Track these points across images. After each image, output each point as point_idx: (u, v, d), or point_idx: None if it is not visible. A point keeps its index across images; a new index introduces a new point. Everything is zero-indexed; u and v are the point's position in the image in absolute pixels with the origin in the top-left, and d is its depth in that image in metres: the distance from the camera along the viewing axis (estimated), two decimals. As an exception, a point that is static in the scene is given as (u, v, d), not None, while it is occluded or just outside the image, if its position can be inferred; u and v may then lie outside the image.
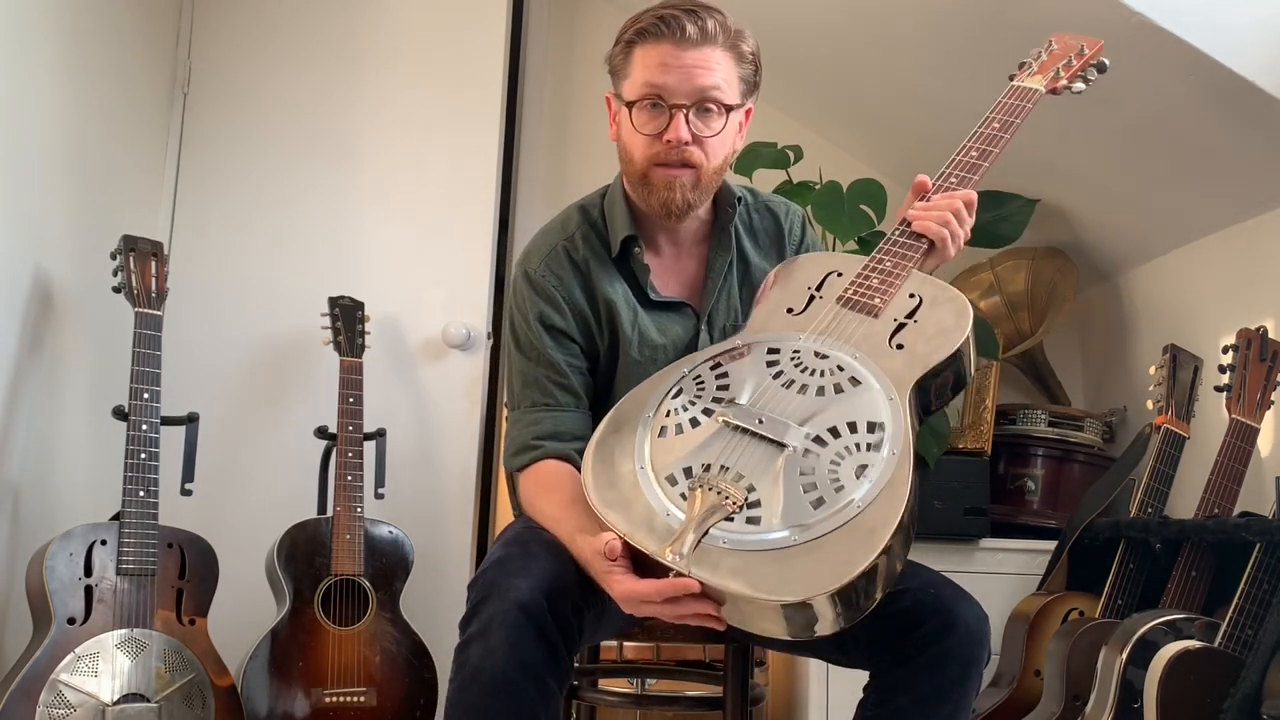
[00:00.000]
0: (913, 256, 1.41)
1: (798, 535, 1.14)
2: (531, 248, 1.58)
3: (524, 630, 1.21)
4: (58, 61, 2.24)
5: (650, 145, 1.45)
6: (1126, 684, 1.90)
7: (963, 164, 1.51)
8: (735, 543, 1.14)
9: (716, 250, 1.58)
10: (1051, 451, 2.70)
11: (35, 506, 2.21)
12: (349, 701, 2.24)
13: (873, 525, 1.13)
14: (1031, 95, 1.57)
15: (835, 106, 3.03)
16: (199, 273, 2.72)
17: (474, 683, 1.22)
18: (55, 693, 1.87)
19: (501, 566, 1.28)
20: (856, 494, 1.16)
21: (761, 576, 1.12)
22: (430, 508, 2.68)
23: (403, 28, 2.87)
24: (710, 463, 1.22)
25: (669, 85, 1.42)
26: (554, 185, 3.13)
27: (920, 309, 1.36)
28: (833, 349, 1.32)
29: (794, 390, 1.28)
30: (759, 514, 1.16)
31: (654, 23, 1.43)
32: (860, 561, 1.10)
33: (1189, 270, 2.63)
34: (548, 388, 1.51)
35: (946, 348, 1.31)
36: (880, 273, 1.40)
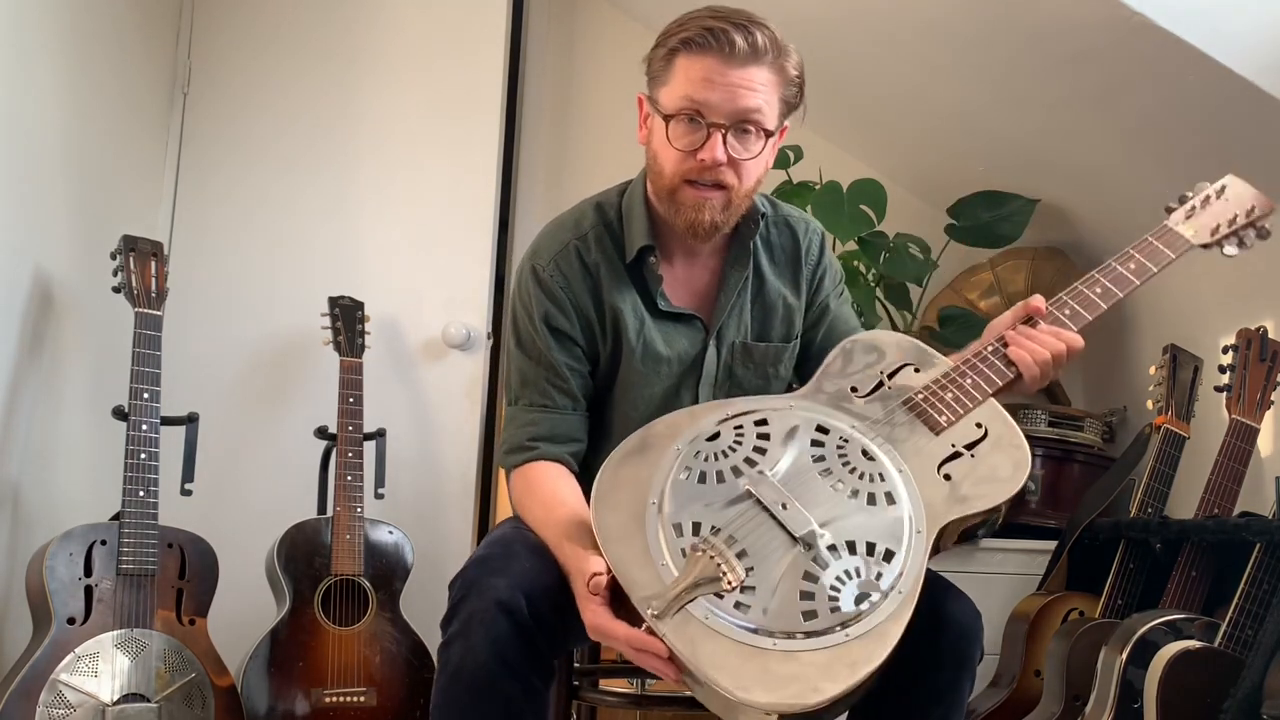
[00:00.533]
0: (995, 383, 1.34)
1: (779, 642, 1.11)
2: (541, 243, 1.53)
3: (503, 628, 1.21)
4: (58, 62, 2.24)
5: (683, 161, 1.39)
6: (1126, 684, 1.90)
7: (1082, 297, 1.40)
8: (717, 623, 1.12)
9: (733, 265, 1.53)
10: (1051, 451, 2.70)
11: (35, 506, 2.21)
12: (349, 701, 2.24)
13: (854, 660, 1.10)
14: (1180, 245, 1.45)
15: (835, 106, 3.03)
16: (199, 273, 2.72)
17: (456, 682, 1.22)
18: (55, 693, 1.87)
19: (481, 565, 1.28)
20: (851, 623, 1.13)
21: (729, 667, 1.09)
22: (430, 508, 2.68)
23: (403, 28, 2.87)
24: (721, 527, 1.18)
25: (710, 102, 1.35)
26: (554, 185, 3.13)
27: (981, 444, 1.29)
28: (881, 454, 1.26)
29: (828, 482, 1.23)
30: (750, 601, 1.13)
31: (701, 33, 1.35)
32: (828, 691, 1.08)
33: (1189, 270, 2.62)
34: (546, 389, 1.49)
35: (991, 499, 1.25)
36: (957, 388, 1.33)
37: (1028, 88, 2.46)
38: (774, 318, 1.56)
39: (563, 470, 1.46)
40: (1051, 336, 1.36)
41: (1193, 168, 2.36)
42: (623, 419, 1.52)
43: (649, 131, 1.45)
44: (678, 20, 1.40)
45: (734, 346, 1.54)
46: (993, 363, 1.36)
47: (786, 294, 1.57)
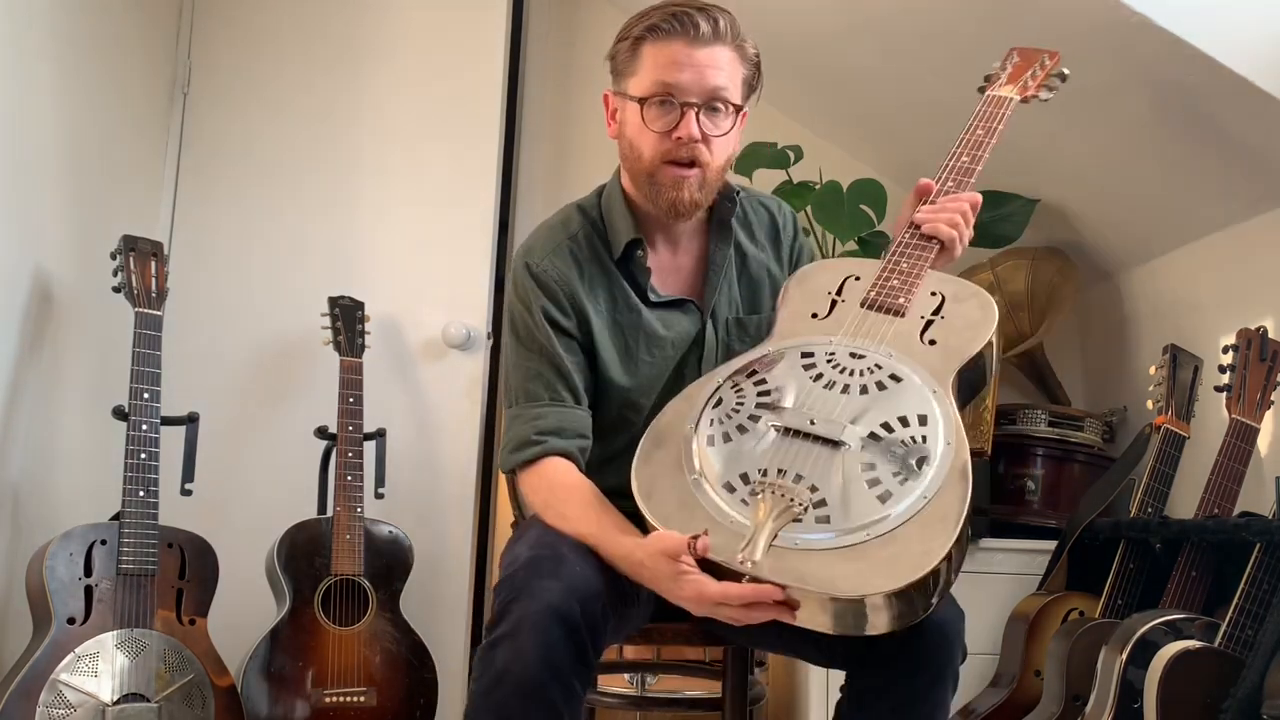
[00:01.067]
0: (927, 257, 1.44)
1: (874, 529, 1.14)
2: (534, 242, 1.56)
3: (555, 633, 1.20)
4: (58, 62, 2.24)
5: (660, 142, 1.45)
6: (1126, 684, 1.90)
7: (956, 169, 1.56)
8: (810, 544, 1.15)
9: (716, 244, 1.58)
10: (1051, 451, 2.70)
11: (35, 506, 2.21)
12: (349, 701, 2.24)
13: (943, 514, 1.15)
14: (1007, 103, 1.67)
15: (835, 106, 3.03)
16: (199, 273, 2.72)
17: (500, 684, 1.20)
18: (55, 693, 1.87)
19: (531, 568, 1.26)
20: (922, 485, 1.17)
21: (842, 575, 1.12)
22: (430, 508, 2.68)
23: (403, 27, 2.87)
24: (767, 467, 1.22)
25: (681, 83, 1.42)
26: (554, 185, 3.13)
27: (945, 305, 1.39)
28: (867, 349, 1.33)
29: (836, 391, 1.28)
30: (827, 513, 1.17)
31: (666, 19, 1.43)
32: (938, 548, 1.12)
33: (1189, 270, 2.63)
34: (551, 382, 1.49)
35: (979, 339, 1.34)
36: (899, 274, 1.42)
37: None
38: (761, 290, 1.62)
39: (573, 467, 1.46)
40: (952, 202, 1.49)
41: (1193, 168, 2.37)
42: (637, 409, 1.53)
43: (620, 123, 1.51)
44: (638, 14, 1.47)
45: (728, 323, 1.58)
46: (914, 244, 1.46)
47: (770, 265, 1.63)
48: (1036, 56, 1.75)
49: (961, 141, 1.61)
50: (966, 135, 1.62)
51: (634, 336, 1.54)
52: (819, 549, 1.14)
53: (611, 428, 1.54)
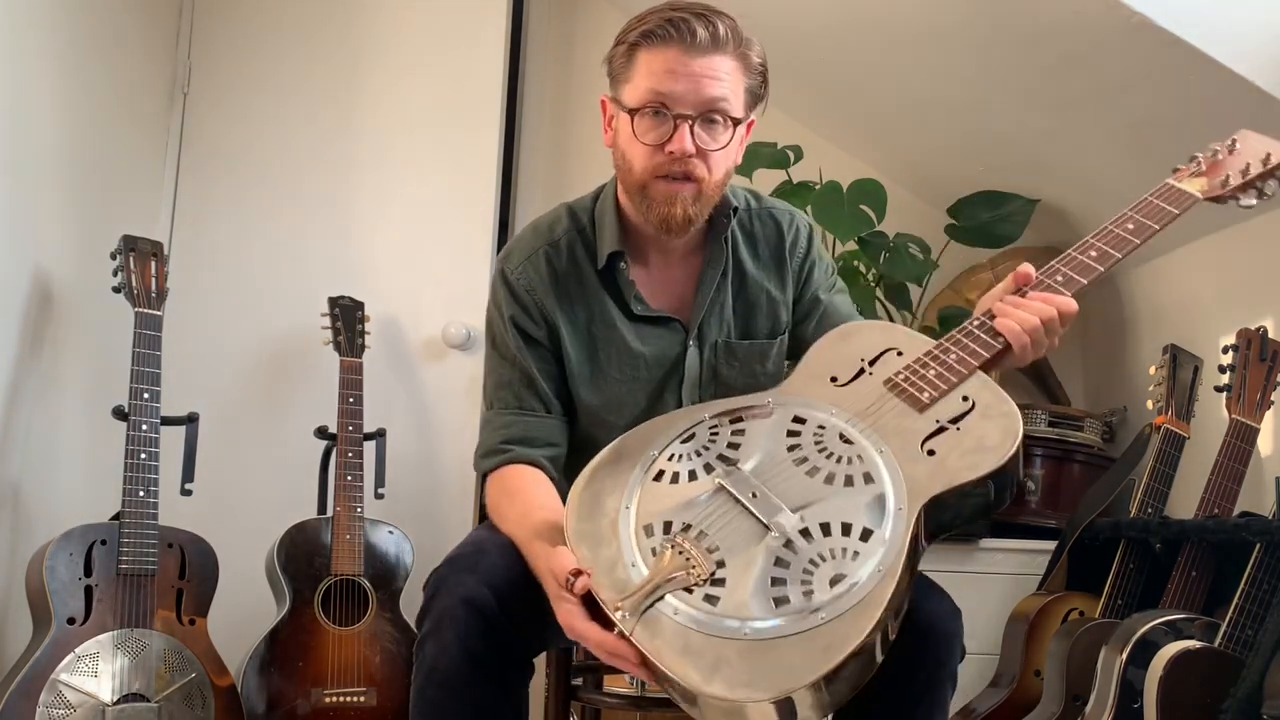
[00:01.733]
0: (981, 355, 1.28)
1: (748, 630, 1.07)
2: (514, 246, 1.53)
3: (471, 625, 1.21)
4: (58, 62, 2.25)
5: (652, 156, 1.37)
6: (1126, 684, 1.90)
7: (1076, 263, 1.33)
8: (687, 618, 1.09)
9: (709, 263, 1.50)
10: (1051, 451, 2.70)
11: (35, 506, 2.21)
12: (349, 701, 2.24)
13: (828, 643, 1.04)
14: (1184, 200, 1.38)
15: (835, 106, 3.03)
16: (199, 273, 2.72)
17: (430, 681, 1.22)
18: (55, 693, 1.87)
19: (452, 564, 1.28)
20: (824, 606, 1.07)
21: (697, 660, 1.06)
22: (430, 508, 2.68)
23: (403, 27, 2.87)
24: (691, 523, 1.16)
25: (675, 93, 1.34)
26: (554, 185, 3.13)
27: (968, 416, 1.23)
28: (860, 436, 1.22)
29: (802, 470, 1.19)
30: (719, 594, 1.10)
31: (661, 25, 1.34)
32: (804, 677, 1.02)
33: (1189, 270, 2.63)
34: (520, 392, 1.48)
35: (979, 468, 1.17)
36: (940, 364, 1.27)
37: (1028, 88, 2.45)
38: (757, 313, 1.53)
39: (539, 475, 1.44)
40: (1040, 301, 1.30)
41: (1193, 168, 2.37)
42: (607, 428, 1.48)
43: (614, 131, 1.44)
44: (636, 17, 1.38)
45: (716, 346, 1.51)
46: (978, 335, 1.30)
47: (770, 288, 1.54)
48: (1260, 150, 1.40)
49: (1101, 231, 1.34)
50: (1112, 225, 1.35)
51: (605, 352, 1.49)
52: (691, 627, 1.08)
53: (582, 444, 1.50)
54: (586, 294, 1.49)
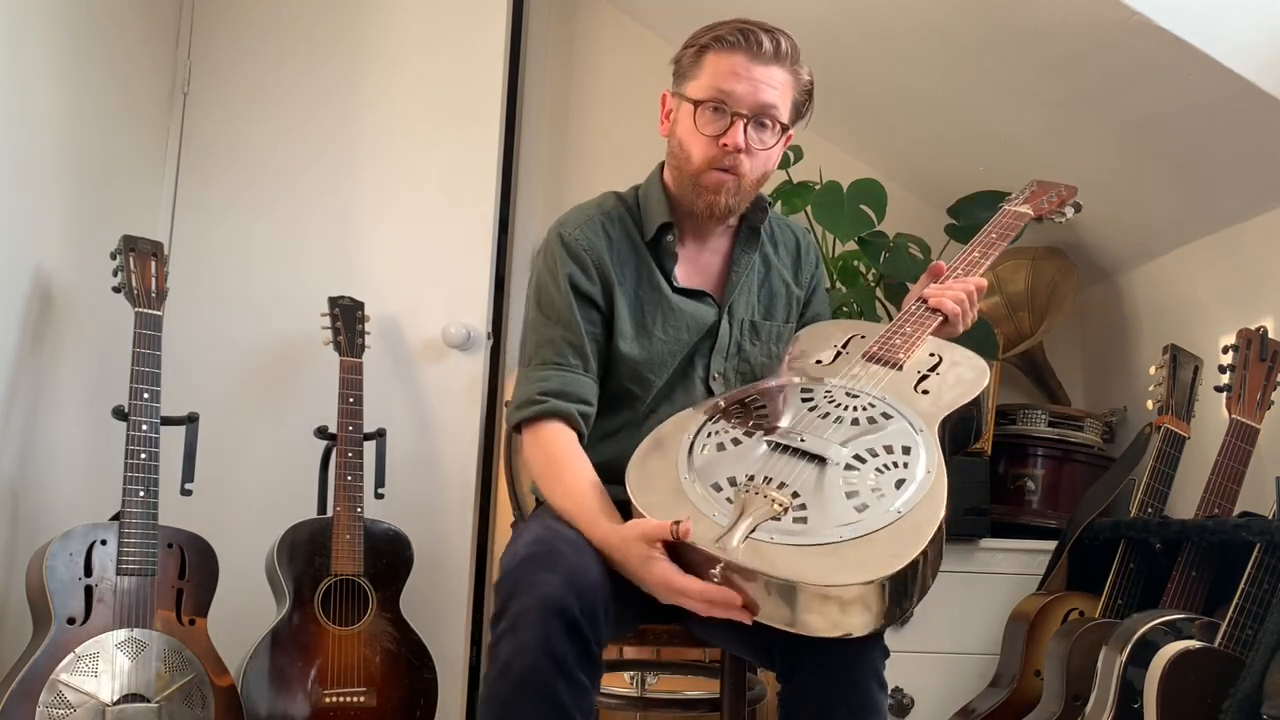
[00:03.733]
0: (929, 324, 1.55)
1: (846, 532, 1.21)
2: (567, 217, 1.66)
3: (553, 625, 1.23)
4: (58, 62, 2.25)
5: (709, 147, 1.54)
6: (1126, 684, 1.90)
7: (968, 260, 1.69)
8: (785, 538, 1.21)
9: (743, 248, 1.68)
10: (1051, 451, 2.70)
11: (35, 506, 2.21)
12: (349, 701, 2.24)
13: (916, 525, 1.21)
14: (1022, 217, 1.83)
15: (835, 106, 3.03)
16: (199, 273, 2.72)
17: (504, 678, 1.23)
18: (55, 693, 1.87)
19: (528, 563, 1.29)
20: (898, 502, 1.24)
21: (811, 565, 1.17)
22: (430, 508, 2.68)
23: (403, 28, 2.87)
24: (755, 473, 1.29)
25: (736, 93, 1.51)
26: (554, 185, 3.13)
27: (941, 364, 1.50)
28: (862, 390, 1.43)
29: (830, 420, 1.37)
30: (805, 515, 1.23)
31: (733, 32, 1.52)
32: (907, 554, 1.17)
33: (1189, 270, 2.63)
34: (562, 348, 1.57)
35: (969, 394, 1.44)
36: (902, 334, 1.54)
37: (1028, 88, 2.46)
38: (779, 300, 1.71)
39: (572, 437, 1.52)
40: (958, 283, 1.60)
41: (1193, 167, 2.37)
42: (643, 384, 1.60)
43: (674, 122, 1.60)
44: (708, 25, 1.57)
45: (744, 323, 1.67)
46: (921, 313, 1.58)
47: (789, 280, 1.73)
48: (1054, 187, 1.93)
49: (976, 240, 1.75)
50: (981, 237, 1.76)
51: (652, 312, 1.61)
52: (793, 544, 1.20)
53: (614, 400, 1.61)
54: (636, 260, 1.63)
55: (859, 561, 1.18)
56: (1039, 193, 1.93)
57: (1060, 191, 1.92)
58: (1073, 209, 1.92)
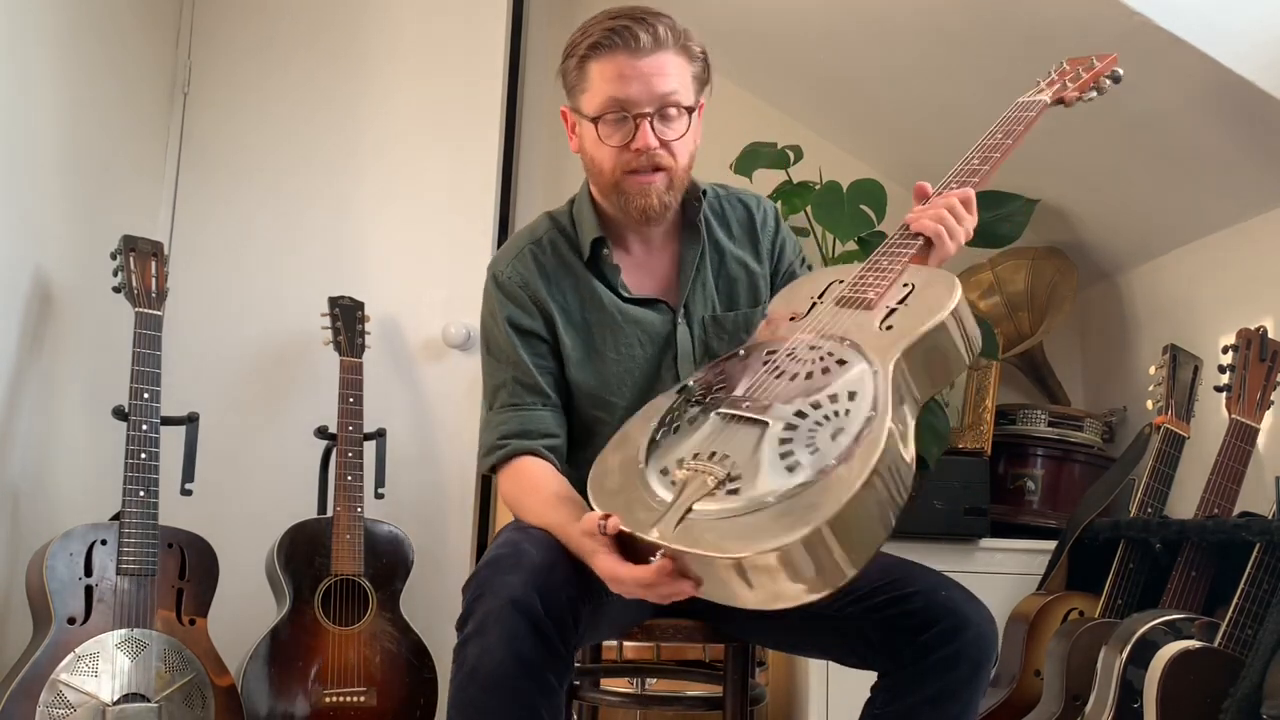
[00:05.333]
0: (907, 252, 1.43)
1: (772, 498, 1.14)
2: (500, 252, 1.62)
3: (518, 626, 1.22)
4: (57, 62, 2.25)
5: (619, 155, 1.48)
6: (1126, 684, 1.90)
7: (963, 170, 1.51)
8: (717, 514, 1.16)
9: (687, 244, 1.60)
10: (1051, 451, 2.70)
11: (35, 506, 2.21)
12: (349, 701, 2.24)
13: (849, 476, 1.12)
14: (1035, 106, 1.60)
15: (835, 106, 3.03)
16: (199, 273, 2.72)
17: (472, 681, 1.23)
18: (55, 692, 1.87)
19: (494, 565, 1.29)
20: (831, 455, 1.16)
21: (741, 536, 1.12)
22: (430, 508, 2.68)
23: (403, 28, 2.87)
24: (699, 451, 1.24)
25: (630, 96, 1.44)
26: (554, 185, 3.13)
27: (912, 293, 1.37)
28: (825, 341, 1.34)
29: (784, 379, 1.30)
30: (738, 485, 1.18)
31: (606, 35, 1.44)
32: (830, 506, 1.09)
33: (1189, 270, 2.63)
34: (515, 389, 1.54)
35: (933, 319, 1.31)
36: (876, 270, 1.42)
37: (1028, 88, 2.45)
38: (739, 286, 1.62)
39: (545, 464, 1.50)
40: (940, 198, 1.46)
41: (1193, 167, 2.37)
42: (609, 409, 1.55)
43: (579, 138, 1.54)
44: (579, 30, 1.49)
45: (704, 321, 1.59)
46: (899, 241, 1.45)
47: (748, 261, 1.63)
48: (1086, 60, 1.68)
49: (978, 145, 1.56)
50: (984, 139, 1.56)
51: (600, 334, 1.56)
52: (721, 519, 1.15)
53: (584, 430, 1.57)
54: (576, 282, 1.57)
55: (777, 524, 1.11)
56: (1064, 73, 1.67)
57: (1091, 63, 1.66)
58: (1111, 81, 1.66)
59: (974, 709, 1.33)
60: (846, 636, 1.41)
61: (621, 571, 1.21)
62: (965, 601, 1.34)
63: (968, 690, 1.32)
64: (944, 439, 2.49)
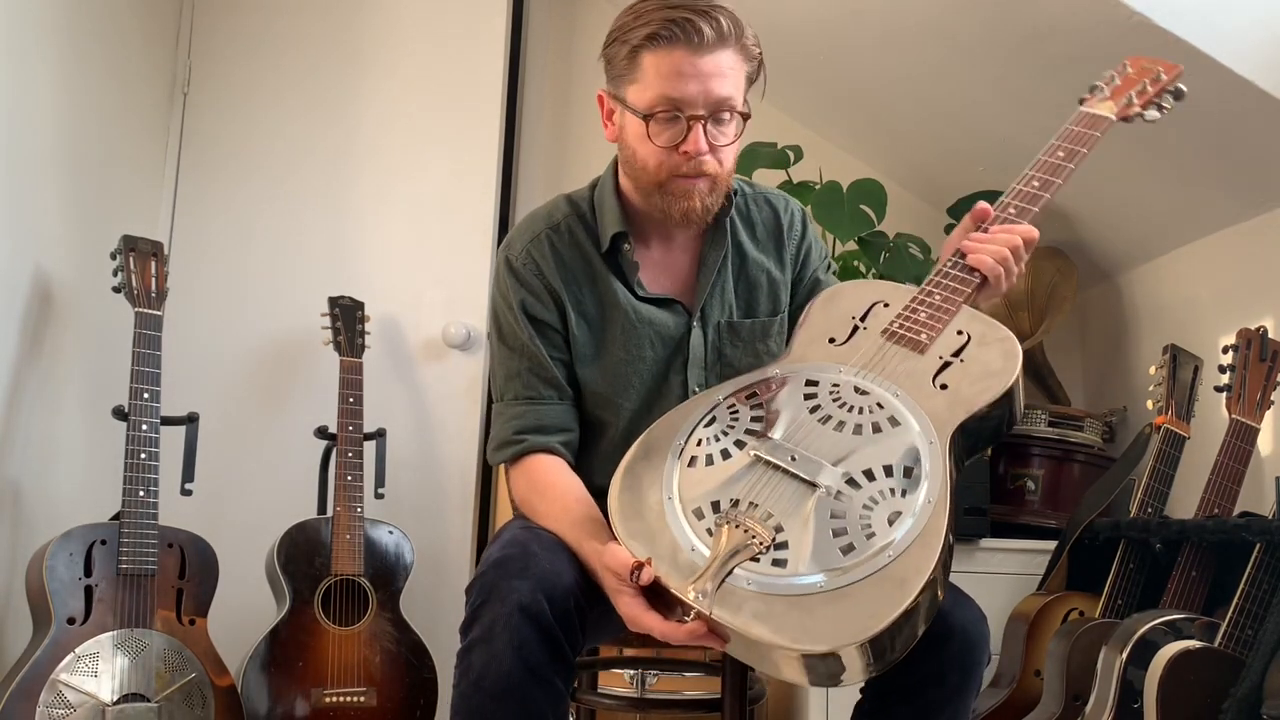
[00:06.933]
0: (964, 291, 1.34)
1: (825, 582, 1.09)
2: (514, 235, 1.53)
3: (527, 632, 1.19)
4: (58, 62, 2.25)
5: (667, 156, 1.39)
6: (1126, 684, 1.90)
7: (1023, 194, 1.42)
8: (760, 585, 1.10)
9: (710, 245, 1.53)
10: (1051, 451, 2.70)
11: (35, 506, 2.21)
12: (349, 701, 2.24)
13: (903, 576, 1.08)
14: (1101, 124, 1.49)
15: (835, 106, 3.03)
16: (199, 273, 2.72)
17: (478, 689, 1.20)
18: (55, 693, 1.87)
19: (500, 568, 1.25)
20: (888, 542, 1.11)
21: (785, 622, 1.08)
22: (430, 508, 2.68)
23: (403, 28, 2.87)
24: (739, 498, 1.18)
25: (688, 96, 1.35)
26: (554, 185, 3.13)
27: (968, 348, 1.30)
28: (874, 385, 1.27)
29: (830, 427, 1.23)
30: (785, 556, 1.12)
31: (666, 25, 1.34)
32: (887, 615, 1.05)
33: (1189, 270, 2.63)
34: (530, 380, 1.48)
35: (992, 391, 1.25)
36: (929, 307, 1.34)
37: (1028, 88, 2.46)
38: (759, 293, 1.56)
39: (560, 463, 1.45)
40: (1003, 233, 1.36)
41: (1193, 168, 2.37)
42: (613, 409, 1.50)
43: (620, 129, 1.45)
44: (631, 13, 1.38)
45: (720, 326, 1.52)
46: (956, 274, 1.36)
47: (770, 268, 1.56)
48: (1152, 70, 1.56)
49: (1037, 163, 1.45)
50: (1045, 156, 1.45)
51: (610, 331, 1.49)
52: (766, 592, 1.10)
53: (588, 430, 1.52)
54: (592, 275, 1.50)
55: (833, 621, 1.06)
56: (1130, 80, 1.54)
57: (1158, 75, 1.54)
58: (1173, 97, 1.55)
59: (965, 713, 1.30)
60: None
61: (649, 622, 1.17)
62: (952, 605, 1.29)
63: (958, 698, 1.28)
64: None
